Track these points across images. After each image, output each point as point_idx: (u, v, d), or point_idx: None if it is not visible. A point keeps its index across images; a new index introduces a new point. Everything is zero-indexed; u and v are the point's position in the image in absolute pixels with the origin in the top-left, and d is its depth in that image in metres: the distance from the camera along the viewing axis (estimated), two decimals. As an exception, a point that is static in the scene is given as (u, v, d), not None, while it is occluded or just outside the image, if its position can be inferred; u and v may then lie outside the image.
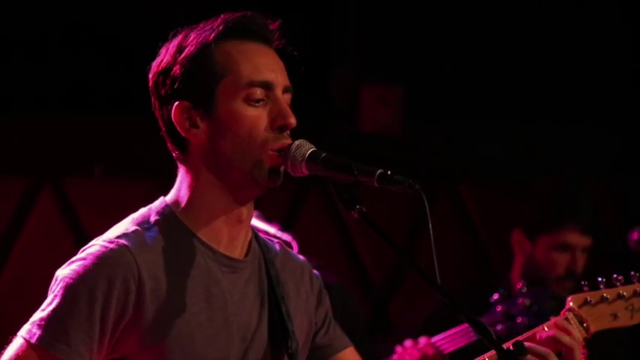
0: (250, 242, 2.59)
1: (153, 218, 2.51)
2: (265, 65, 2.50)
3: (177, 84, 2.48)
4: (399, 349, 4.06)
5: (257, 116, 2.47)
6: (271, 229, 3.79)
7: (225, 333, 2.49)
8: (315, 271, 2.74)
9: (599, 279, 2.76)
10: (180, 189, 2.54)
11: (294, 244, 3.71)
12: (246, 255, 2.57)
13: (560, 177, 4.77)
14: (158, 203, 2.55)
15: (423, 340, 4.03)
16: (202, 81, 2.48)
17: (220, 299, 2.50)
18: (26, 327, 2.44)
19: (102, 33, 5.74)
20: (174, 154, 2.56)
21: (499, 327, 4.02)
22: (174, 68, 2.48)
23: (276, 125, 2.48)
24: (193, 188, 2.52)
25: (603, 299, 2.72)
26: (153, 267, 2.44)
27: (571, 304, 2.70)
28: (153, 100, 2.55)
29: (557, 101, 6.30)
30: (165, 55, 2.52)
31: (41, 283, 2.58)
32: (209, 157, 2.49)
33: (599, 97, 6.34)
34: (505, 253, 4.59)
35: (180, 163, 2.55)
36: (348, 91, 6.25)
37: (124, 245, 2.44)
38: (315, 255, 4.30)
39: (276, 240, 2.71)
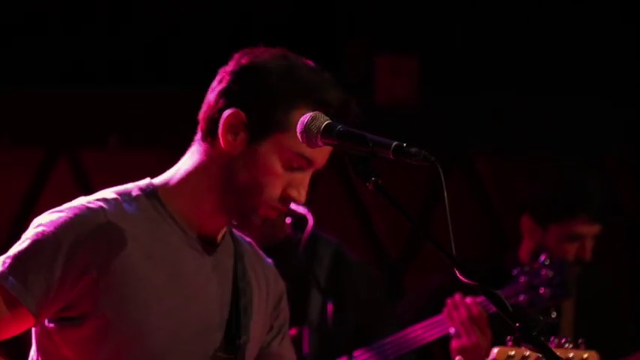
0: (224, 234, 2.65)
1: (135, 193, 2.58)
2: (320, 151, 2.57)
3: (254, 96, 2.54)
4: (449, 302, 4.04)
5: (282, 177, 2.56)
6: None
7: (183, 311, 2.54)
8: (280, 277, 2.78)
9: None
10: (178, 171, 2.61)
11: (310, 217, 3.71)
12: (218, 245, 2.63)
13: (571, 158, 4.74)
14: (143, 181, 2.62)
15: (469, 299, 4.01)
16: (271, 117, 2.54)
17: (184, 278, 2.55)
18: None
19: (119, 8, 5.74)
20: (199, 134, 2.60)
21: (521, 297, 4.04)
22: (266, 82, 2.54)
23: (287, 193, 2.58)
24: (192, 177, 2.59)
25: (524, 357, 2.75)
26: (123, 234, 2.50)
27: (495, 355, 2.71)
28: (221, 84, 2.58)
29: (574, 73, 6.26)
30: (267, 61, 2.57)
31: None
32: (224, 168, 2.57)
33: (614, 68, 6.30)
34: (520, 226, 4.58)
35: (200, 144, 2.60)
36: (363, 63, 6.24)
37: (102, 207, 2.51)
38: (330, 227, 4.32)
39: (248, 239, 2.76)
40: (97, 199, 2.53)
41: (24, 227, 2.55)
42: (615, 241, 5.72)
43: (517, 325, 2.31)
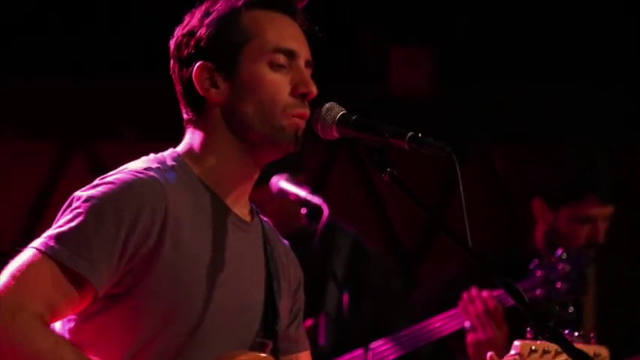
0: (252, 212, 2.60)
1: (170, 163, 2.51)
2: (291, 35, 2.52)
3: (202, 44, 2.50)
4: (465, 295, 4.03)
5: (280, 81, 2.49)
6: (302, 192, 3.79)
7: (225, 288, 2.47)
8: (297, 260, 2.74)
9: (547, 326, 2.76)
10: (191, 144, 2.54)
11: (325, 208, 3.71)
12: (252, 221, 2.58)
13: (582, 141, 4.70)
14: (169, 151, 2.56)
15: (485, 292, 4.00)
16: (228, 43, 2.50)
17: (228, 254, 2.49)
18: (40, 240, 2.38)
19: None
20: (185, 116, 2.56)
21: (538, 291, 4.03)
22: (200, 30, 2.51)
23: (298, 92, 2.50)
24: (206, 146, 2.52)
25: (545, 352, 2.73)
26: (176, 205, 2.43)
27: (519, 348, 2.70)
28: (173, 62, 2.56)
29: (591, 61, 6.24)
30: (191, 19, 2.54)
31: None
32: (227, 118, 2.50)
33: (631, 57, 6.28)
34: (532, 210, 4.57)
35: (192, 124, 2.55)
36: (378, 53, 6.23)
37: (154, 177, 2.43)
38: (345, 218, 4.31)
39: (266, 219, 2.70)
40: (145, 168, 2.45)
41: (40, 219, 2.52)
42: (635, 233, 5.71)
43: (534, 316, 2.31)
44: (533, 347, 2.68)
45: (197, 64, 2.50)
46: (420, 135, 2.38)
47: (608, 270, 4.40)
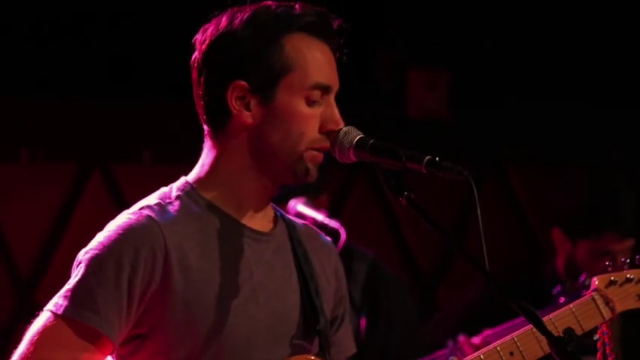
0: (275, 218, 2.60)
1: (174, 194, 2.52)
2: (329, 68, 2.52)
3: (242, 62, 2.47)
4: (450, 343, 4.02)
5: (312, 117, 2.48)
6: (319, 216, 3.79)
7: (254, 303, 2.48)
8: (339, 259, 2.72)
9: (622, 259, 2.76)
10: (205, 163, 2.54)
11: (342, 231, 3.70)
12: (273, 229, 2.57)
13: (604, 172, 4.66)
14: (179, 181, 2.57)
15: (475, 339, 3.99)
16: (269, 68, 2.47)
17: (246, 269, 2.49)
18: (53, 301, 2.44)
19: (153, 18, 5.76)
20: (207, 128, 2.54)
21: None
22: (243, 44, 2.47)
23: (326, 129, 2.49)
24: (223, 163, 2.51)
25: (628, 280, 2.74)
26: (177, 237, 2.44)
27: (597, 283, 2.70)
28: (199, 70, 2.51)
29: (606, 83, 6.22)
30: (227, 26, 2.49)
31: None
32: (252, 141, 2.49)
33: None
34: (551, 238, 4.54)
35: (212, 138, 2.53)
36: (396, 76, 6.23)
37: (149, 216, 2.45)
38: (363, 241, 4.30)
39: (301, 220, 2.70)
40: (141, 209, 2.47)
41: (58, 241, 2.54)
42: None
43: (552, 340, 2.29)
44: (613, 278, 2.68)
45: (234, 82, 2.48)
46: (437, 159, 2.36)
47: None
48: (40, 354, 2.39)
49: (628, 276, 2.74)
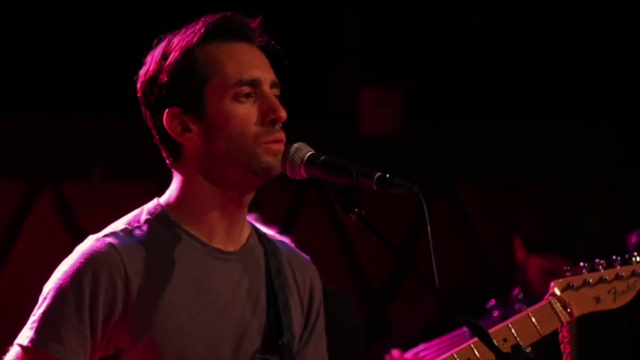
0: (249, 236, 2.61)
1: (144, 217, 2.54)
2: (250, 63, 2.53)
3: (165, 91, 2.51)
4: (387, 358, 4.05)
5: (247, 113, 2.50)
6: (269, 232, 3.78)
7: (219, 325, 2.51)
8: (318, 277, 2.73)
9: (581, 264, 2.79)
10: (173, 189, 2.57)
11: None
12: (245, 245, 2.59)
13: (561, 187, 4.71)
14: (151, 203, 2.59)
15: (407, 354, 4.02)
16: (190, 85, 2.50)
17: (212, 292, 2.52)
18: (21, 333, 2.48)
19: (101, 33, 5.74)
20: (167, 161, 2.58)
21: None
22: (161, 76, 2.51)
23: (267, 119, 2.50)
24: (187, 189, 2.55)
25: (585, 283, 2.76)
26: (140, 264, 2.47)
27: (554, 289, 2.72)
28: (143, 109, 2.57)
29: (558, 101, 6.29)
30: (151, 64, 2.55)
31: (40, 286, 2.58)
32: (205, 158, 2.51)
33: (600, 97, 6.33)
34: (505, 256, 4.59)
35: (174, 168, 2.57)
36: (348, 93, 6.25)
37: (110, 243, 2.48)
38: (314, 258, 4.29)
39: (281, 238, 2.73)
40: (106, 235, 2.50)
41: (5, 261, 2.53)
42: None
43: (501, 356, 2.31)
44: (570, 282, 2.69)
45: (165, 112, 2.51)
46: (387, 176, 2.38)
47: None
48: None
49: (585, 279, 2.76)
